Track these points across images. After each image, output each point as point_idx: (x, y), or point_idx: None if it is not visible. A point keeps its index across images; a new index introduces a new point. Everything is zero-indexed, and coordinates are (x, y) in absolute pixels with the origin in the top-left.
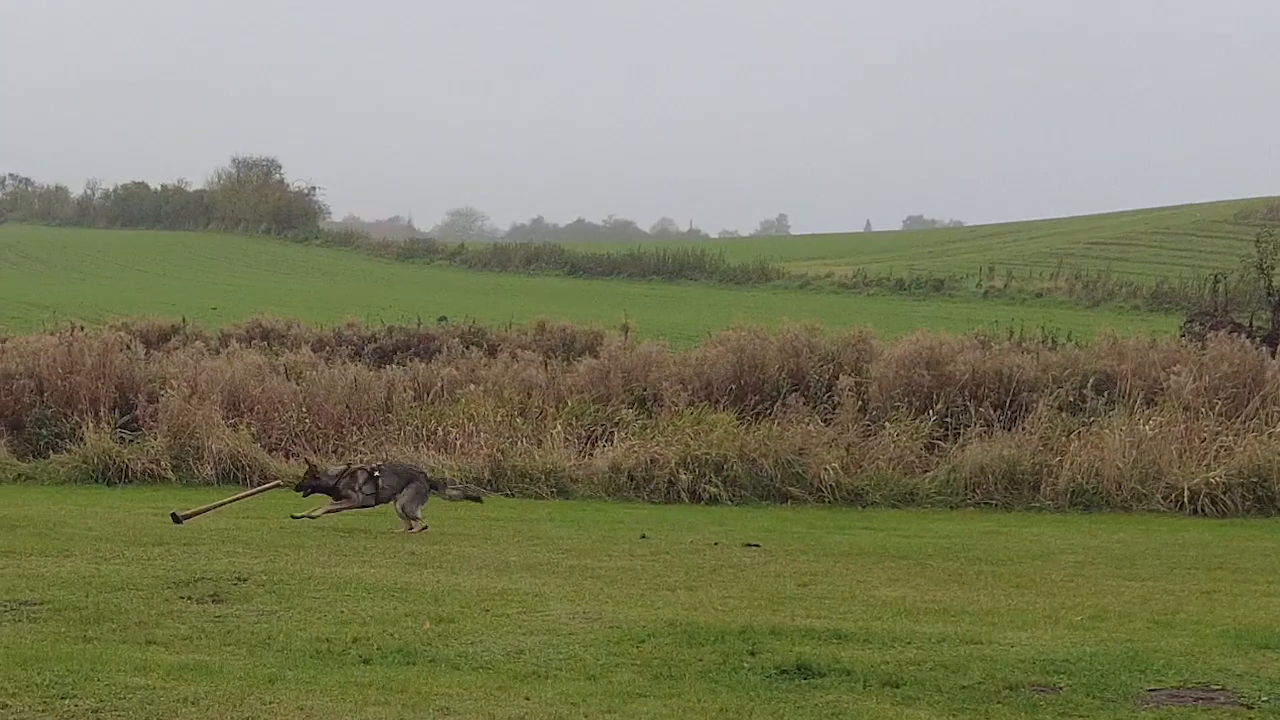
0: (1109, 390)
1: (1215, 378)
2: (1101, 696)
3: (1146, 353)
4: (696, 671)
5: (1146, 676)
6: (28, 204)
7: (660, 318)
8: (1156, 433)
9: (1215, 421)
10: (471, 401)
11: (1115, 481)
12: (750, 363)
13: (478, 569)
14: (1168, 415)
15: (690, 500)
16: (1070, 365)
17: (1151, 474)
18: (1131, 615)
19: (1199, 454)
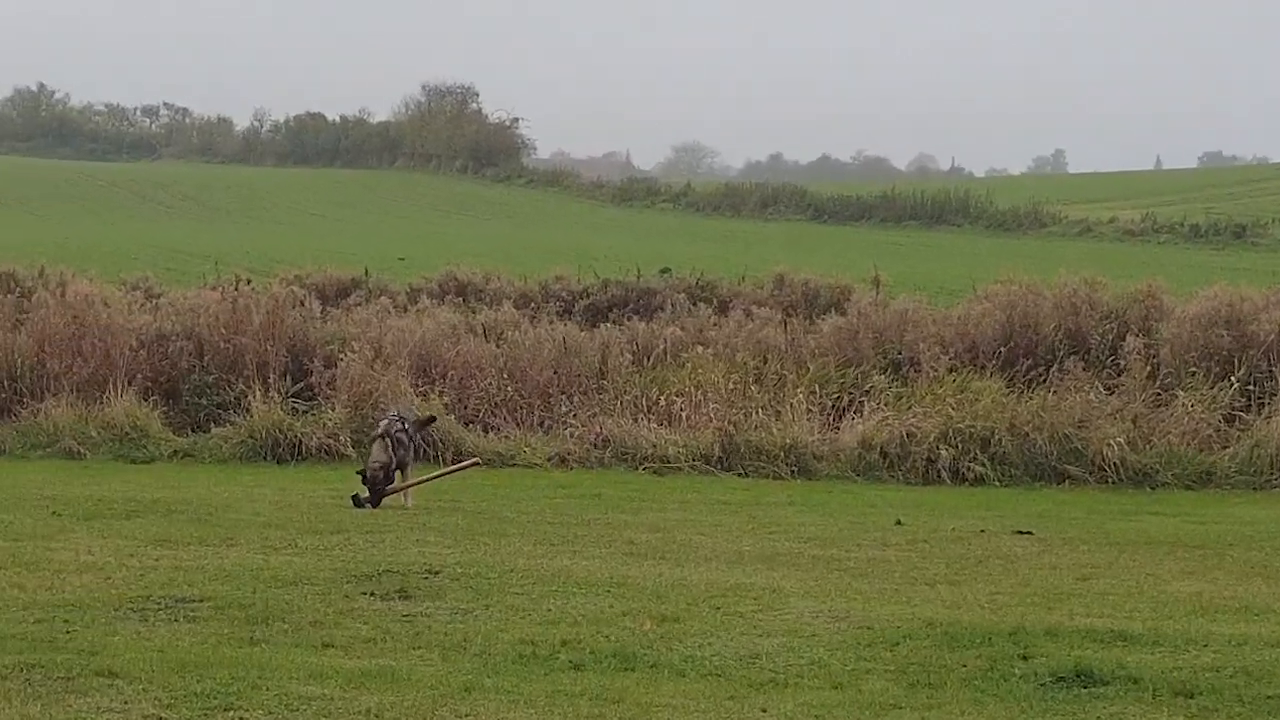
0: None
1: None
2: None
3: None
4: (959, 679)
5: None
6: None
7: (917, 269)
8: None
9: None
10: (699, 366)
11: None
12: (1021, 322)
13: (706, 560)
14: None
15: (952, 481)
16: None
17: None
18: None
19: None
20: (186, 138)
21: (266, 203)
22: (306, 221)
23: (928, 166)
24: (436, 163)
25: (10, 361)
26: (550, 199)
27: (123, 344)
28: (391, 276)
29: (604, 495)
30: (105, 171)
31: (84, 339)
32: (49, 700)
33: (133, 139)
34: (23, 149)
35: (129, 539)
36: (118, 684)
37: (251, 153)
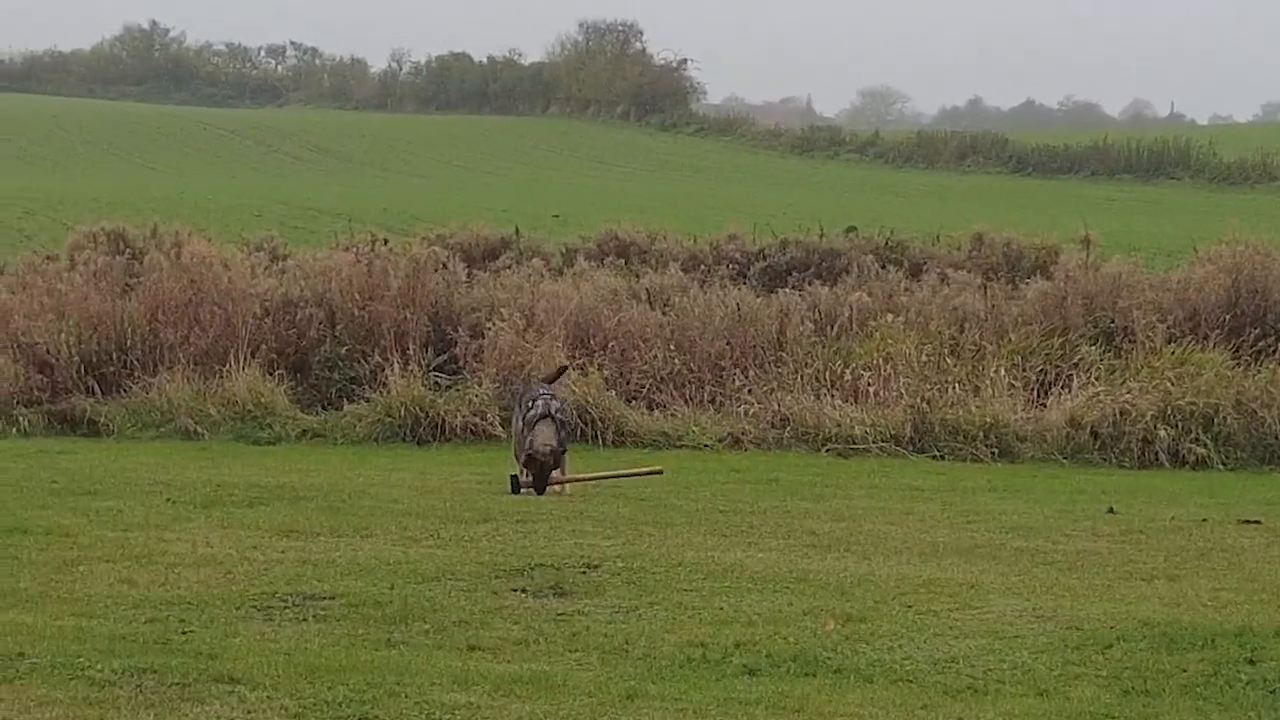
0: None
1: None
2: None
3: None
4: (1179, 685)
5: None
6: (316, 82)
7: (1132, 228)
8: None
9: None
10: (889, 336)
11: None
12: (1249, 286)
13: (896, 552)
14: None
15: (1171, 464)
16: None
17: None
18: None
19: None
20: (316, 81)
21: (405, 154)
22: (450, 174)
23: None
24: (595, 109)
25: (120, 331)
26: (722, 149)
27: (245, 312)
28: (545, 236)
29: (782, 480)
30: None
31: (201, 306)
32: (163, 709)
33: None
34: (134, 94)
35: (252, 529)
36: (239, 690)
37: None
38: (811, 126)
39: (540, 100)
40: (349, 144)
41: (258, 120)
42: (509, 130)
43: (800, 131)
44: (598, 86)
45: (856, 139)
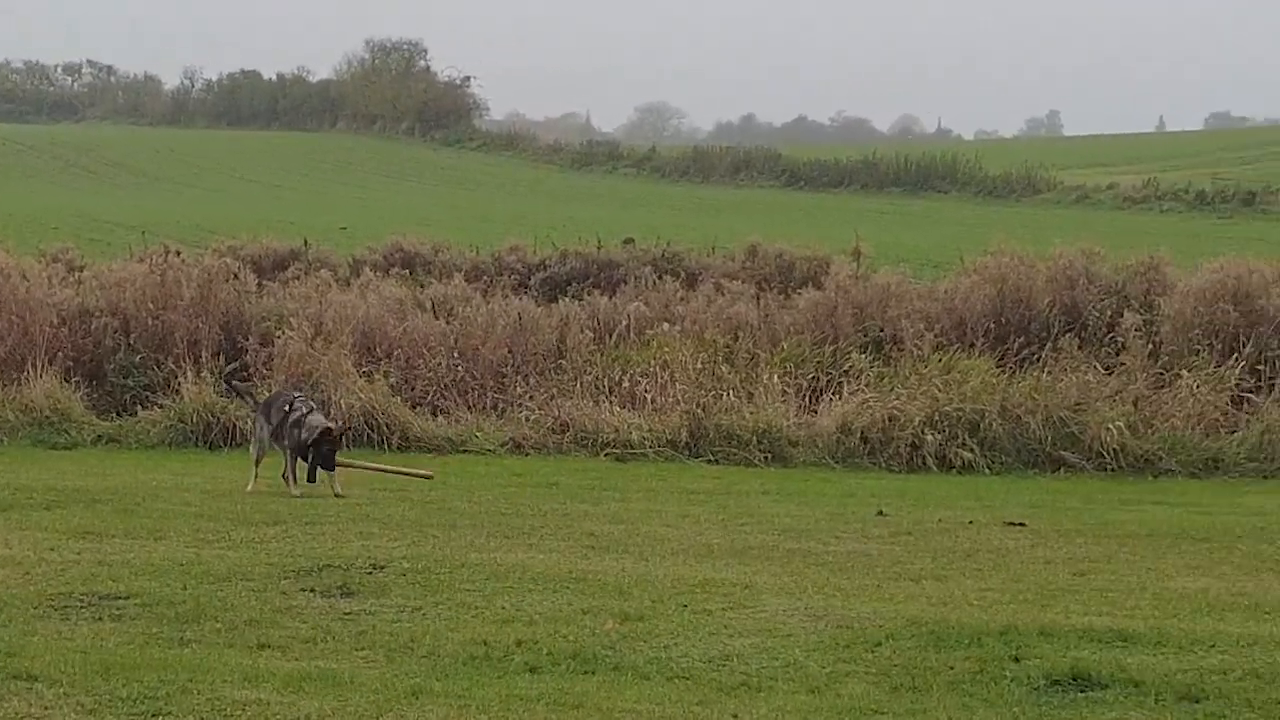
0: None
1: None
2: None
3: None
4: (946, 682)
5: None
6: (110, 98)
7: (901, 240)
8: None
9: None
10: (665, 344)
11: None
12: (1013, 296)
13: (672, 554)
14: None
15: (939, 468)
16: None
17: None
18: None
19: None
20: (111, 98)
21: (198, 168)
22: (241, 188)
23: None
24: (381, 125)
25: None
26: (504, 164)
27: (42, 321)
28: (332, 247)
29: (562, 484)
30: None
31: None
32: None
33: (53, 99)
34: None
35: (49, 531)
36: (37, 688)
37: (182, 114)
38: (590, 142)
39: (328, 116)
40: (143, 159)
41: (55, 136)
42: (298, 145)
43: (580, 147)
44: (384, 103)
45: (634, 154)
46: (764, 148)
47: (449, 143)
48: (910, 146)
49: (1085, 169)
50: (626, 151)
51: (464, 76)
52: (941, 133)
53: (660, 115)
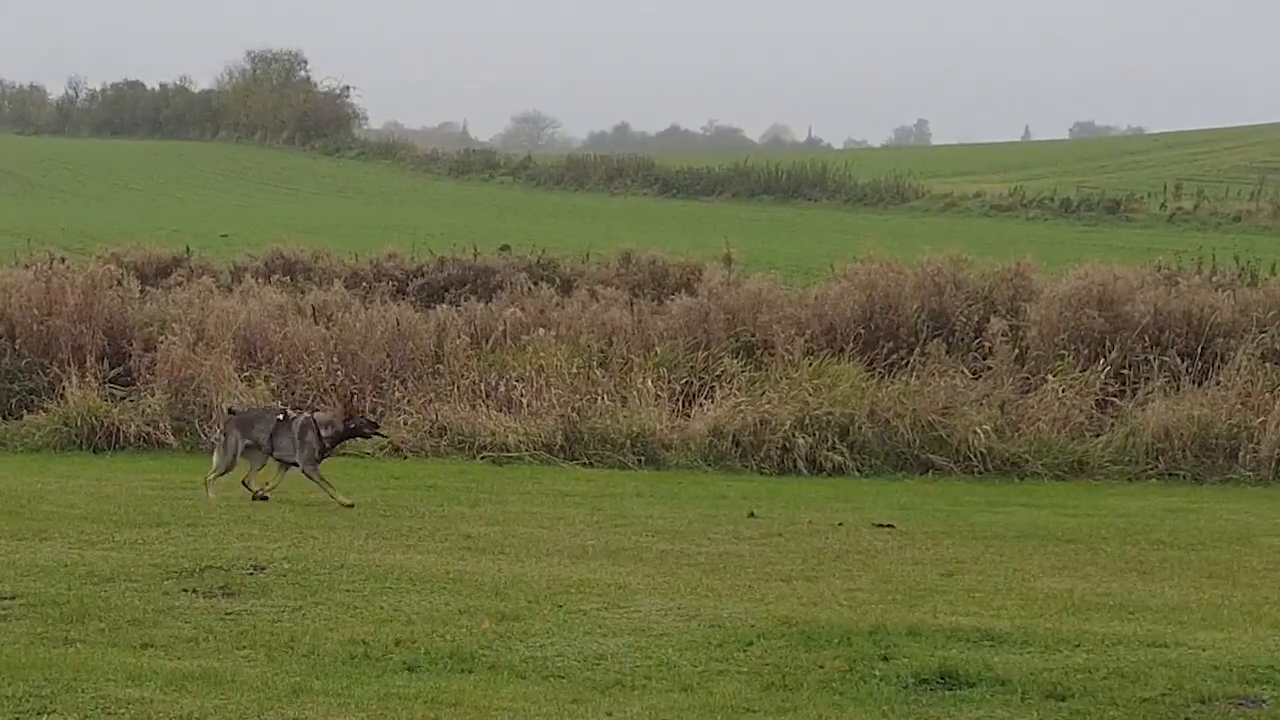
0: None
1: None
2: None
3: None
4: (817, 680)
5: None
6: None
7: (772, 247)
8: None
9: None
10: (541, 349)
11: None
12: (882, 302)
13: (548, 556)
14: None
15: (809, 470)
16: (1276, 305)
17: None
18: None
19: None
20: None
21: (82, 176)
22: (125, 196)
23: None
24: (262, 134)
25: None
26: (383, 172)
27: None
28: (214, 255)
29: (439, 486)
30: None
31: None
32: None
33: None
34: None
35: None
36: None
37: (67, 123)
38: (467, 151)
39: (210, 126)
40: (28, 167)
41: None
42: (180, 154)
43: (457, 155)
44: (264, 113)
45: (510, 162)
46: (638, 156)
47: (328, 152)
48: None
49: (953, 178)
50: (503, 160)
51: (343, 87)
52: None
53: (536, 125)
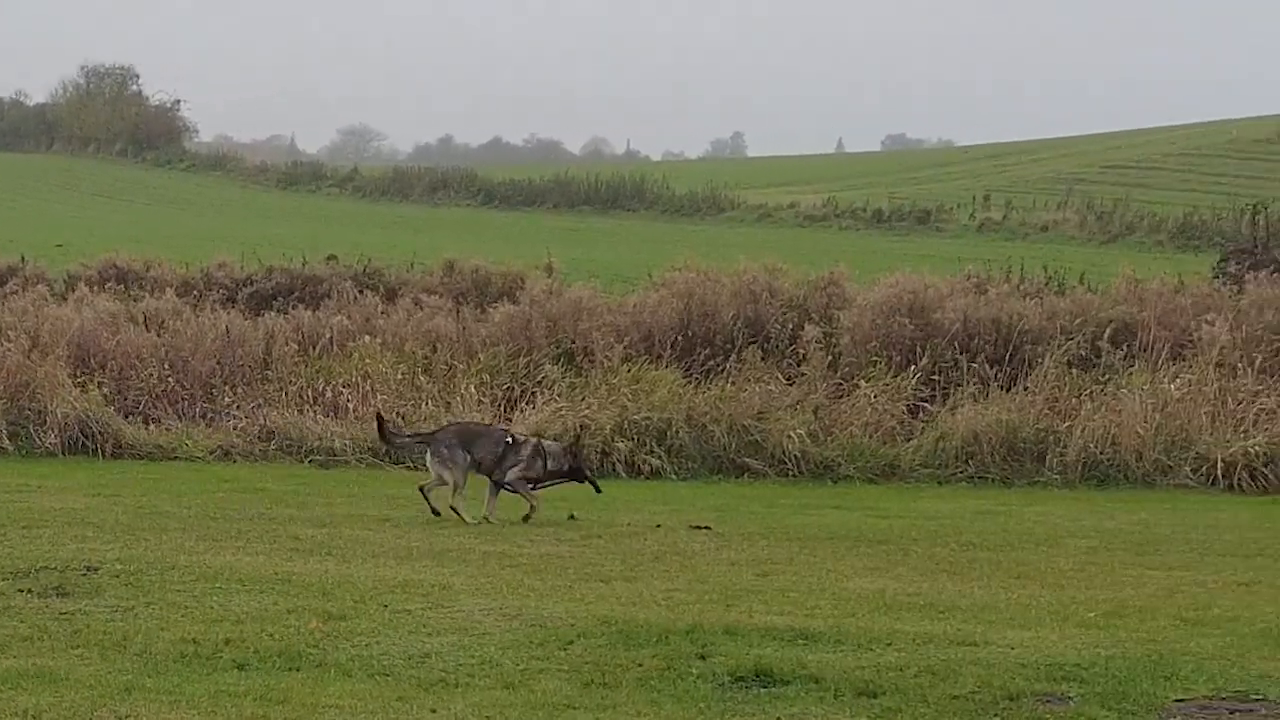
0: (1128, 343)
1: (1255, 328)
2: (1119, 708)
3: (1172, 298)
4: (635, 678)
5: (1173, 684)
6: None
7: (592, 256)
8: (1184, 394)
9: (1255, 380)
10: (366, 356)
11: (1135, 452)
12: (699, 310)
13: (374, 556)
14: (1198, 373)
15: (628, 474)
16: (1082, 313)
17: (1179, 443)
18: (1154, 611)
19: (1235, 419)
20: None
21: None
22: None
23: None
24: (96, 146)
25: None
26: (213, 184)
27: None
28: (48, 264)
29: (268, 489)
30: None
31: None
32: None
33: None
34: None
35: None
36: None
37: None
38: (295, 163)
39: (45, 138)
40: None
41: None
42: (15, 166)
43: (285, 167)
44: (98, 126)
45: (337, 174)
46: (461, 168)
47: (160, 164)
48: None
49: (768, 188)
50: (330, 172)
51: (174, 100)
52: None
53: (362, 137)
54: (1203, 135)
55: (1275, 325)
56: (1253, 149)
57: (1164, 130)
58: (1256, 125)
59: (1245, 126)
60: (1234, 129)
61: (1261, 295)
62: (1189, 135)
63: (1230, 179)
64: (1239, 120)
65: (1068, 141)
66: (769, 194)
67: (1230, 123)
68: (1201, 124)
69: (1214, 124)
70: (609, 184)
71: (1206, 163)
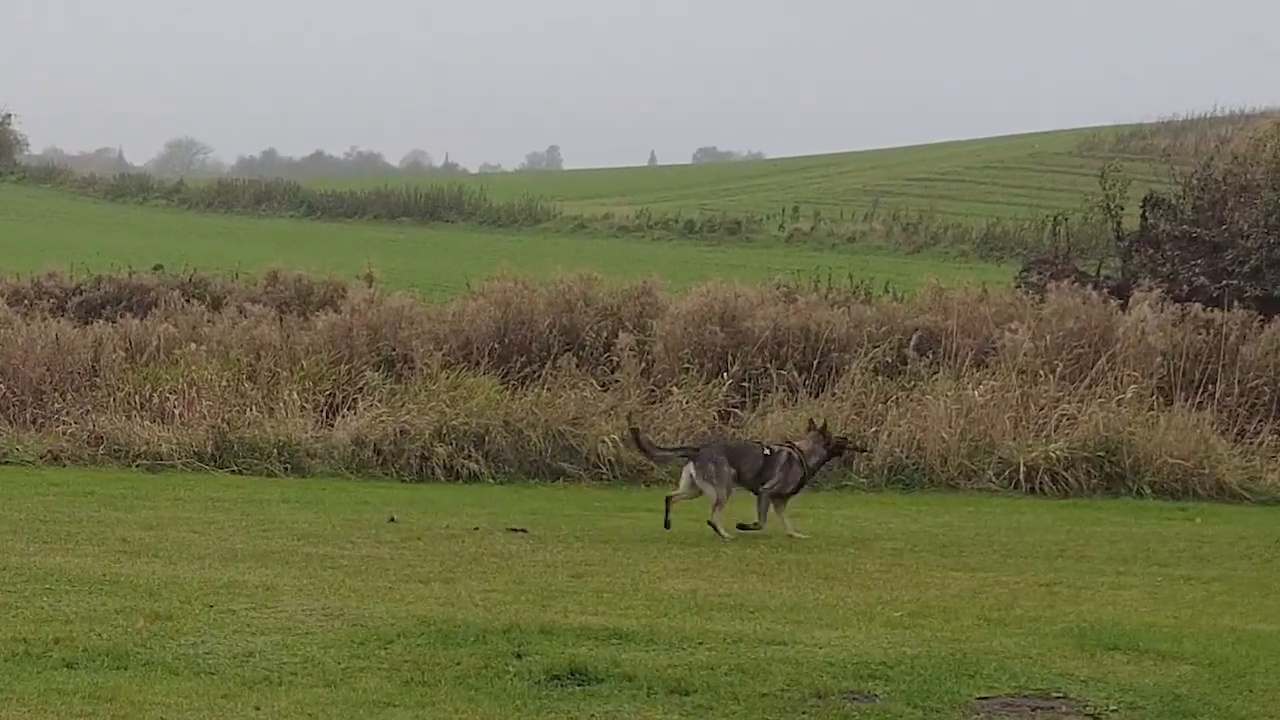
0: (933, 350)
1: (1056, 335)
2: (924, 705)
3: (976, 306)
4: (454, 677)
5: (976, 682)
6: None
7: (412, 266)
8: (988, 399)
9: (1056, 386)
10: (193, 363)
11: (940, 456)
12: (516, 318)
13: (199, 558)
14: (1001, 379)
15: (447, 478)
16: (887, 321)
17: (982, 447)
18: (958, 611)
19: (1037, 424)
20: None
21: None
22: None
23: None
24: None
25: None
26: (43, 196)
27: None
28: None
29: (97, 493)
30: None
31: None
32: None
33: None
34: None
35: None
36: None
37: None
38: (123, 175)
39: None
40: None
41: None
42: None
43: (113, 180)
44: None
45: (164, 186)
46: (284, 180)
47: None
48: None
49: (583, 200)
50: (156, 184)
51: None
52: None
53: (188, 150)
54: (1005, 149)
55: (1076, 333)
56: (1053, 162)
57: (968, 144)
58: (1056, 138)
59: (1046, 140)
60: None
61: (1062, 304)
62: (992, 148)
63: (1032, 191)
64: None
65: (875, 154)
66: (584, 206)
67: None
68: (1004, 138)
69: (1016, 138)
70: (428, 196)
71: (1009, 175)
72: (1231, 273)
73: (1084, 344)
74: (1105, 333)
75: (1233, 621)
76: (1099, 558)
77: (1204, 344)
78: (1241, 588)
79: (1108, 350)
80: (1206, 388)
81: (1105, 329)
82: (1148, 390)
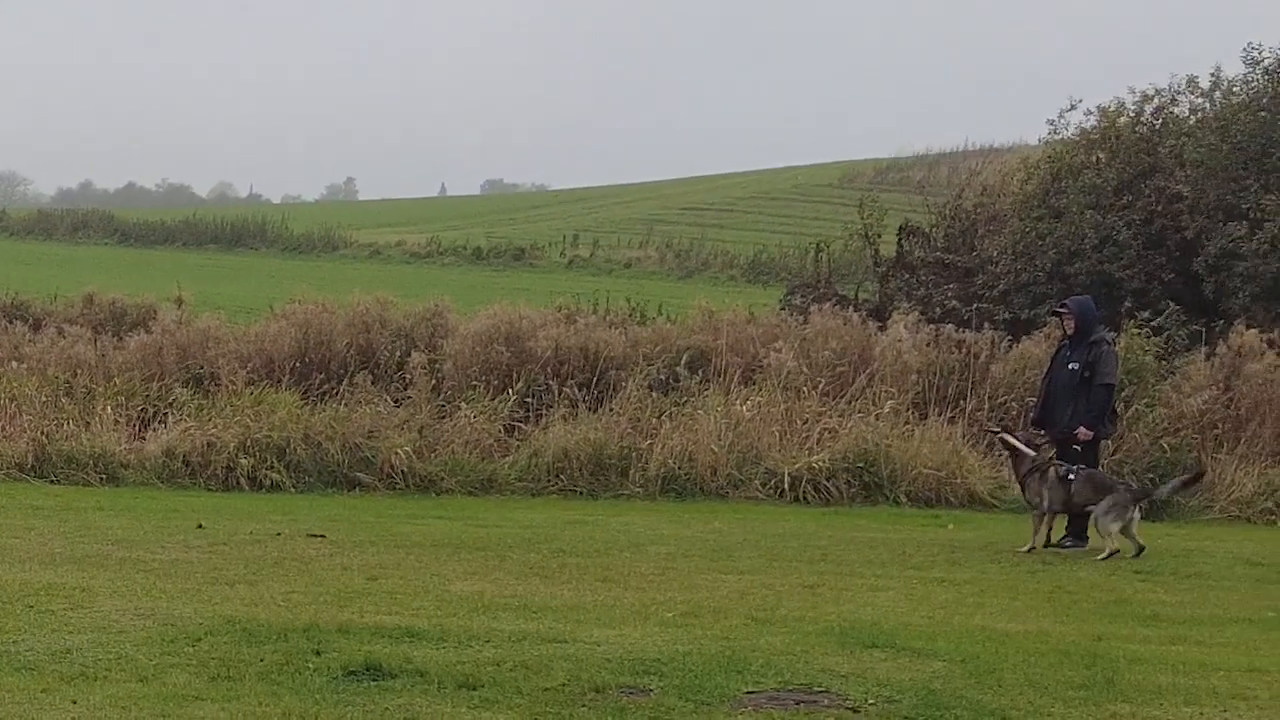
0: (704, 368)
1: (819, 354)
2: (695, 699)
3: (744, 327)
4: (257, 673)
5: (744, 678)
6: None
7: (219, 290)
8: (755, 414)
9: (819, 402)
10: (14, 380)
11: (710, 467)
12: (316, 339)
13: (19, 561)
14: (767, 395)
15: (251, 488)
16: (661, 341)
17: (749, 458)
18: (728, 611)
19: (800, 436)
20: None
21: None
22: None
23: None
24: None
25: None
26: None
27: None
28: None
29: None
30: None
31: None
32: None
33: None
34: None
35: None
36: None
37: None
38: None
39: None
40: None
41: None
42: None
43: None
44: None
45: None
46: (99, 210)
47: None
48: (226, 209)
49: (377, 229)
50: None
51: None
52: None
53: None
54: (772, 180)
55: (837, 352)
56: (816, 193)
57: (738, 176)
58: (819, 170)
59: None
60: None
61: (824, 325)
62: (760, 180)
63: (796, 220)
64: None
65: (650, 186)
66: (379, 234)
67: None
68: (771, 170)
69: (782, 170)
70: (234, 225)
71: (775, 205)
72: (981, 296)
73: (845, 362)
74: (864, 352)
75: (983, 621)
76: (858, 561)
77: (956, 362)
78: (991, 589)
79: (867, 368)
80: (959, 403)
81: (864, 348)
82: (904, 405)
